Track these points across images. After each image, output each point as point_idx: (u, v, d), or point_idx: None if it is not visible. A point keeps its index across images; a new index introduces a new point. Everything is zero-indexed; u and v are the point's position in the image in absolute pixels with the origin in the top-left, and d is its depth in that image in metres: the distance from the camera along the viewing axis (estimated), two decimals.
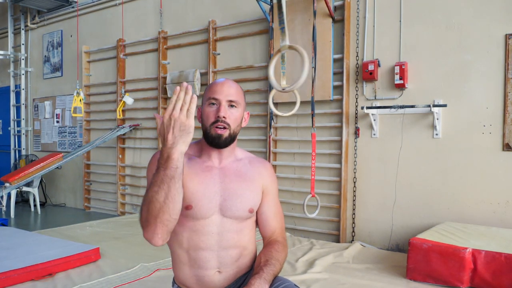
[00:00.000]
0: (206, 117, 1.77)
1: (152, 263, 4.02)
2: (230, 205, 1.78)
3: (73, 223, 6.17)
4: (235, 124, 1.79)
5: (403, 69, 4.76)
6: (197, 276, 1.81)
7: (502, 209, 4.36)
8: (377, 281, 3.68)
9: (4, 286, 3.41)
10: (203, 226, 1.77)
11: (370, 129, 5.08)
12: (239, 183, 1.82)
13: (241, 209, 1.80)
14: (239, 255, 1.83)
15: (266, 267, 1.72)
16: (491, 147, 4.42)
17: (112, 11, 7.65)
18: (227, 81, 1.82)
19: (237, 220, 1.81)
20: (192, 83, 6.29)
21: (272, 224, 1.91)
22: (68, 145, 8.37)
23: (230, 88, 1.78)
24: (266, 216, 1.91)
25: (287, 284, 1.75)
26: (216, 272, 1.80)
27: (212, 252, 1.78)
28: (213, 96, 1.76)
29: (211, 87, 1.80)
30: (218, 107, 1.75)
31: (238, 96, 1.80)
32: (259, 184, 1.89)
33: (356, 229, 5.16)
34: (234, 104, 1.78)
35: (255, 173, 1.89)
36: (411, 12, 4.84)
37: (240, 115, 1.81)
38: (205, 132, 1.78)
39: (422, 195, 4.76)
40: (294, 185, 5.55)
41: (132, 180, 7.33)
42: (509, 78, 4.32)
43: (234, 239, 1.81)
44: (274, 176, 1.98)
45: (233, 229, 1.80)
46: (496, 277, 3.34)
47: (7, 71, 9.40)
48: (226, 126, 1.74)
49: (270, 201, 1.92)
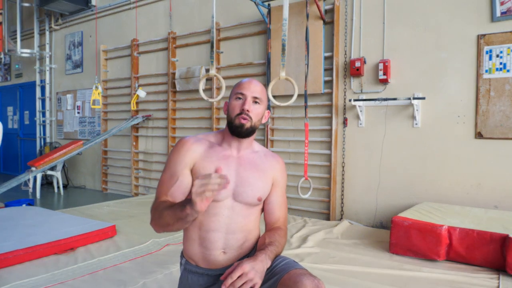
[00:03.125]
0: (232, 109, 1.77)
1: (162, 239, 3.98)
2: (242, 191, 1.76)
3: (92, 203, 6.12)
4: (257, 118, 1.78)
5: (386, 66, 4.73)
6: (204, 254, 1.78)
7: (475, 191, 4.32)
8: (363, 255, 3.65)
9: (30, 259, 3.39)
10: (216, 208, 1.74)
11: (357, 119, 5.03)
12: (252, 172, 1.80)
13: (251, 196, 1.78)
14: (244, 239, 1.81)
15: (270, 246, 1.69)
16: (464, 136, 4.39)
17: (127, 14, 7.57)
18: (254, 80, 1.82)
19: (246, 206, 1.79)
20: (198, 78, 6.24)
21: (276, 213, 1.89)
22: (88, 134, 8.31)
23: (256, 86, 1.79)
24: (272, 205, 1.88)
25: (288, 260, 1.72)
26: (221, 252, 1.77)
27: (220, 234, 1.76)
28: (240, 91, 1.77)
29: (239, 84, 1.80)
30: (244, 101, 1.75)
31: (262, 95, 1.80)
32: (270, 176, 1.86)
33: (344, 209, 5.13)
34: (258, 101, 1.78)
35: (268, 165, 1.87)
36: (394, 15, 4.79)
37: (262, 111, 1.81)
38: (230, 122, 1.78)
39: (403, 178, 4.73)
40: (289, 169, 5.50)
41: (145, 164, 7.29)
42: (480, 74, 4.28)
43: (241, 223, 1.78)
44: (285, 171, 1.96)
45: (242, 213, 1.78)
46: (469, 251, 3.31)
47: (33, 67, 9.34)
48: (248, 119, 1.74)
49: (278, 192, 1.90)
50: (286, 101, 4.12)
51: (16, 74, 10.15)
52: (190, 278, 1.84)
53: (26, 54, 8.94)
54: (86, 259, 3.46)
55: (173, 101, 6.82)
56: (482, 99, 4.27)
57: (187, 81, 6.40)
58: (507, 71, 4.14)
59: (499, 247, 3.17)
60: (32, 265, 3.30)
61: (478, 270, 3.25)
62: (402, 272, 3.21)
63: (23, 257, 3.35)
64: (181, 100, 6.75)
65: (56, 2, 7.84)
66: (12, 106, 10.45)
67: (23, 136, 10.10)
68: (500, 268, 3.19)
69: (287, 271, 1.60)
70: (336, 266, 3.32)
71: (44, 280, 2.97)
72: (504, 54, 4.15)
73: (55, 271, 3.13)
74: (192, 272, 1.84)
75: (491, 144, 4.25)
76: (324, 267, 3.29)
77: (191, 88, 6.37)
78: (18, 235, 3.73)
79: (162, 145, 7.02)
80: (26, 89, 9.93)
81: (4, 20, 8.10)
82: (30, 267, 3.26)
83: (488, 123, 4.24)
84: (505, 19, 4.14)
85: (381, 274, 3.18)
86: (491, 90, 4.22)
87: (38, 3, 8.39)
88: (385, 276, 3.14)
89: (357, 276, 3.13)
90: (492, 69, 4.22)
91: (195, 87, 6.30)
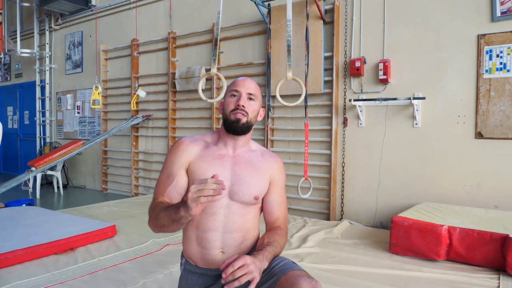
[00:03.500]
0: (227, 106, 1.79)
1: (162, 239, 3.98)
2: (237, 190, 1.75)
3: (92, 203, 6.12)
4: (253, 114, 1.79)
5: (386, 66, 4.72)
6: (202, 254, 1.78)
7: (475, 191, 4.32)
8: (363, 255, 3.65)
9: (30, 259, 3.38)
10: (213, 207, 1.74)
11: (357, 119, 5.03)
12: (248, 171, 1.80)
13: (247, 194, 1.77)
14: (242, 238, 1.79)
15: (269, 247, 1.67)
16: (464, 135, 4.38)
17: (127, 14, 7.57)
18: (248, 78, 1.85)
19: (243, 205, 1.78)
20: (198, 78, 6.23)
21: (276, 213, 1.88)
22: (88, 134, 8.31)
23: (250, 83, 1.81)
24: (271, 204, 1.88)
25: (286, 261, 1.70)
26: (219, 252, 1.76)
27: (218, 233, 1.75)
28: (234, 89, 1.79)
29: (234, 82, 1.82)
30: (239, 97, 1.77)
31: (256, 91, 1.82)
32: (268, 174, 1.86)
33: (344, 209, 5.13)
34: (253, 98, 1.79)
35: (265, 164, 1.87)
36: (394, 15, 4.79)
37: (257, 108, 1.82)
38: (225, 118, 1.78)
39: (403, 178, 4.73)
40: (289, 169, 5.50)
41: (145, 164, 7.28)
42: (480, 73, 4.28)
43: (239, 222, 1.77)
44: (283, 170, 1.95)
45: (238, 212, 1.77)
46: (469, 251, 3.31)
47: (33, 67, 9.34)
48: (244, 114, 1.75)
49: (277, 191, 1.89)
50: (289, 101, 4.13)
51: (16, 74, 10.15)
52: (189, 278, 1.84)
53: (26, 54, 8.94)
54: (86, 259, 3.46)
55: (173, 101, 6.82)
56: (482, 99, 4.27)
57: (187, 81, 6.40)
58: (507, 71, 4.14)
59: (499, 247, 3.17)
60: (32, 265, 3.30)
61: (478, 270, 3.25)
62: (402, 272, 3.21)
63: (23, 257, 3.35)
64: (181, 100, 6.75)
65: (56, 2, 7.83)
66: (12, 106, 10.45)
67: (23, 136, 10.10)
68: (500, 268, 3.18)
69: (285, 272, 1.59)
70: (336, 266, 3.32)
71: (44, 280, 2.97)
72: (504, 54, 4.15)
73: (55, 271, 3.13)
74: (191, 272, 1.84)
75: (491, 144, 4.25)
76: (324, 267, 3.29)
77: (191, 88, 6.36)
78: (18, 235, 3.73)
79: (162, 145, 7.02)
80: (26, 89, 9.92)
81: (4, 20, 8.11)
82: (30, 267, 3.26)
83: (488, 123, 4.24)
84: (505, 19, 4.14)
85: (381, 274, 3.17)
86: (491, 90, 4.22)
87: (38, 3, 8.38)
88: (385, 276, 3.14)
89: (357, 276, 3.12)
90: (492, 69, 4.22)
91: (195, 87, 6.29)
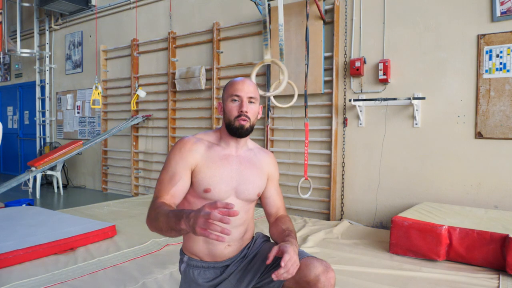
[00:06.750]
0: (229, 111, 1.82)
1: (162, 239, 3.97)
2: (244, 189, 1.86)
3: (92, 203, 6.13)
4: (254, 116, 1.86)
5: (386, 66, 4.73)
6: (209, 249, 1.87)
7: (475, 191, 4.32)
8: (363, 255, 3.65)
9: (30, 259, 3.39)
10: None
11: (357, 119, 5.03)
12: (251, 170, 1.90)
13: (252, 193, 1.89)
14: (244, 231, 1.94)
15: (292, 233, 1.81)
16: (464, 135, 4.39)
17: (127, 14, 7.57)
18: (246, 80, 1.87)
19: (246, 202, 1.90)
20: (198, 78, 6.23)
21: (277, 204, 2.04)
22: (88, 134, 8.31)
23: (249, 86, 1.84)
24: (272, 198, 2.03)
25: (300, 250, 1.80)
26: (226, 246, 1.88)
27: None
28: (235, 93, 1.81)
29: (233, 85, 1.84)
30: (241, 103, 1.81)
31: (255, 93, 1.86)
32: (266, 172, 1.99)
33: (344, 209, 5.13)
34: (253, 100, 1.84)
35: (263, 162, 1.99)
36: (394, 15, 4.79)
37: (257, 109, 1.88)
38: (228, 124, 1.83)
39: (403, 178, 4.73)
40: (289, 169, 5.51)
41: (145, 164, 7.28)
42: (480, 74, 4.28)
43: (243, 218, 1.89)
44: (276, 164, 2.09)
45: (243, 209, 1.88)
46: (469, 251, 3.31)
47: (33, 67, 9.34)
48: (247, 119, 1.81)
49: (274, 185, 2.05)
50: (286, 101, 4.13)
51: (16, 74, 10.15)
52: (195, 272, 1.90)
53: (26, 54, 8.94)
54: (86, 259, 3.46)
55: (173, 101, 6.82)
56: (482, 99, 4.27)
57: (187, 81, 6.39)
58: (507, 71, 4.14)
59: (499, 247, 3.17)
60: (32, 265, 3.30)
61: (478, 270, 3.25)
62: (402, 272, 3.21)
63: (23, 257, 3.35)
64: (181, 100, 6.75)
65: (56, 2, 7.83)
66: (12, 106, 10.45)
67: (23, 136, 10.10)
68: (500, 268, 3.19)
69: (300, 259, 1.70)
70: (336, 266, 3.31)
71: (44, 280, 2.96)
72: (504, 54, 4.15)
73: (55, 271, 3.13)
74: (197, 267, 1.90)
75: (491, 144, 4.25)
76: None
77: (191, 88, 6.36)
78: (18, 235, 3.73)
79: (162, 145, 7.02)
80: (26, 89, 9.92)
81: (4, 20, 8.11)
82: (30, 267, 3.26)
83: (488, 123, 4.24)
84: (505, 19, 4.14)
85: (381, 274, 3.17)
86: (491, 90, 4.22)
87: (38, 3, 8.38)
88: (385, 276, 3.14)
89: (357, 276, 3.12)
90: (492, 69, 4.22)
91: (195, 87, 6.30)
